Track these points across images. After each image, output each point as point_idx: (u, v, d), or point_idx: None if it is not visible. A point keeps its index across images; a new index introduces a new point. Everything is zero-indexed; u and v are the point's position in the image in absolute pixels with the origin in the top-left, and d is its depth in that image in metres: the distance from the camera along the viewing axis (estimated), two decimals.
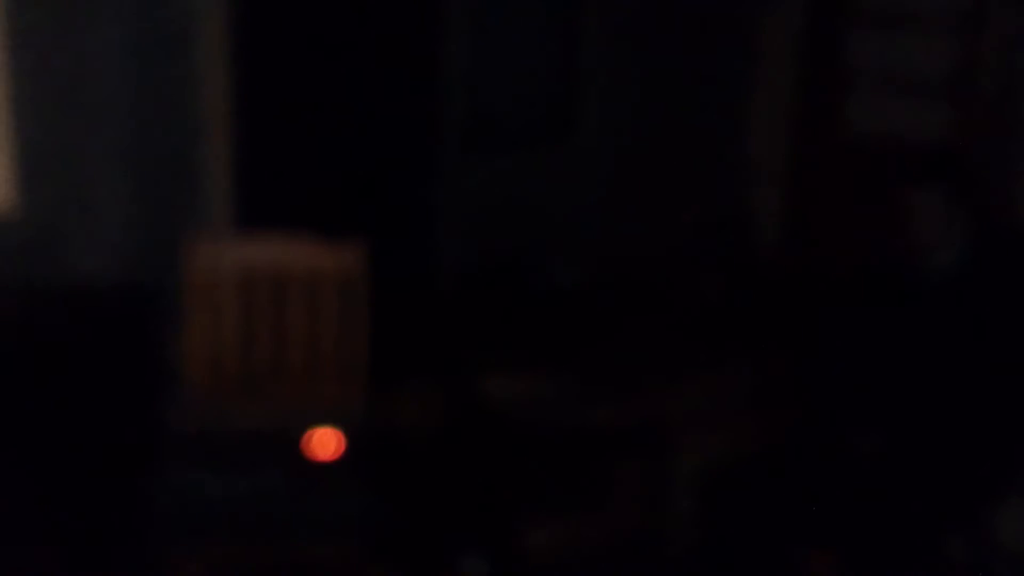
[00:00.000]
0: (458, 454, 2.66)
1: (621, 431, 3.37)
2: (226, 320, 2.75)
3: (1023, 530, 2.64)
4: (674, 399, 3.55)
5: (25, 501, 2.68)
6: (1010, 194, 3.82)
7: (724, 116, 4.92)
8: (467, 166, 4.57)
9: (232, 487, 2.30)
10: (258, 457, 2.32)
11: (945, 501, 2.85)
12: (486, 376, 3.33)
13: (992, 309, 2.84)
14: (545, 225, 4.59)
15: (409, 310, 4.01)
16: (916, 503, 2.86)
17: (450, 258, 4.59)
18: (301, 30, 4.07)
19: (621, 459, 3.33)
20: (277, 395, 2.64)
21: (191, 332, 2.72)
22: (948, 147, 4.04)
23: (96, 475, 2.70)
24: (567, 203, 4.63)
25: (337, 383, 2.73)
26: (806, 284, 4.33)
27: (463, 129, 4.56)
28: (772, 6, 4.74)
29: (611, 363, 3.53)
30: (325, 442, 2.36)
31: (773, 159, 4.92)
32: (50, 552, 2.68)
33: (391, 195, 4.40)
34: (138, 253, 3.61)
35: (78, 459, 2.65)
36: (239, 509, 2.27)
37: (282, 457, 2.32)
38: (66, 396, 2.65)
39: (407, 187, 4.47)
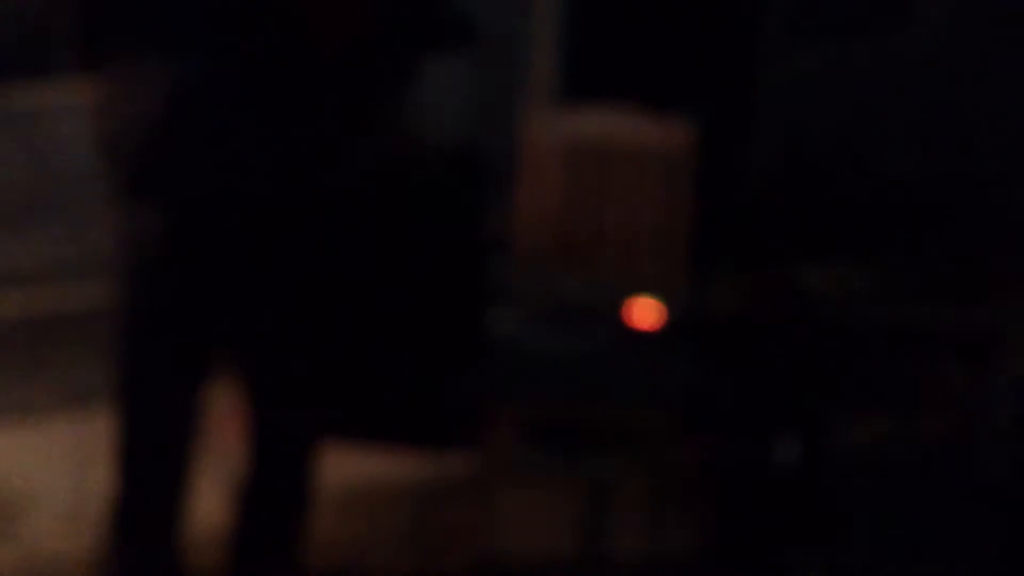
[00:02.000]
0: (772, 338, 2.64)
1: (940, 333, 3.23)
2: (553, 189, 2.84)
3: None
4: (1001, 307, 3.36)
5: (357, 347, 2.93)
6: None
7: None
8: (795, 50, 4.44)
9: (554, 347, 2.40)
10: (580, 321, 2.41)
11: None
12: (802, 263, 3.27)
13: None
14: (876, 115, 4.40)
15: (731, 190, 3.99)
16: None
17: (774, 142, 4.50)
18: None
19: (936, 362, 3.21)
20: (600, 264, 2.72)
21: (521, 199, 2.83)
22: None
23: (426, 324, 2.90)
24: (900, 94, 4.40)
25: (658, 256, 2.77)
26: None
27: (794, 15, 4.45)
28: None
29: (937, 261, 3.35)
30: (645, 311, 2.41)
31: None
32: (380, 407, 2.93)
33: (719, 75, 4.34)
34: (471, 121, 3.78)
35: (415, 306, 2.85)
36: (560, 369, 2.38)
37: (603, 322, 2.40)
38: (403, 250, 2.84)
39: (735, 68, 4.39)
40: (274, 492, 2.25)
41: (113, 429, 2.12)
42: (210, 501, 2.28)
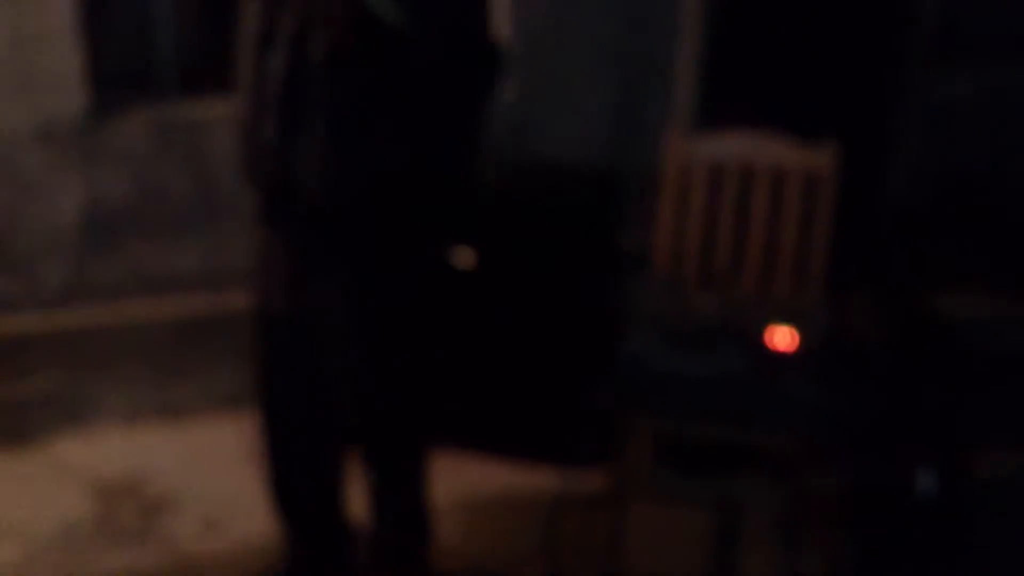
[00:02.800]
0: (912, 365, 2.59)
1: None
2: (694, 211, 2.85)
3: None
4: None
5: (494, 362, 2.99)
6: None
7: None
8: (941, 77, 4.36)
9: (689, 368, 2.41)
10: (717, 342, 2.41)
11: None
12: (940, 291, 3.20)
13: None
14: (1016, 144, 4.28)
15: (872, 214, 3.92)
16: None
17: (915, 168, 4.42)
18: None
19: None
20: (738, 285, 2.72)
21: (662, 220, 2.85)
22: None
23: (562, 340, 2.94)
24: None
25: (797, 279, 2.75)
26: None
27: (938, 41, 4.37)
28: None
29: None
30: (782, 334, 2.40)
31: None
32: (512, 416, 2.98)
33: (861, 99, 4.29)
34: (613, 142, 3.84)
35: (553, 323, 2.90)
36: (695, 390, 2.38)
37: (740, 344, 2.40)
38: (542, 262, 2.89)
39: (878, 92, 4.34)
40: (398, 501, 2.33)
41: (258, 431, 2.24)
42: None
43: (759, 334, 2.40)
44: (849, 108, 4.23)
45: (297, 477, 2.30)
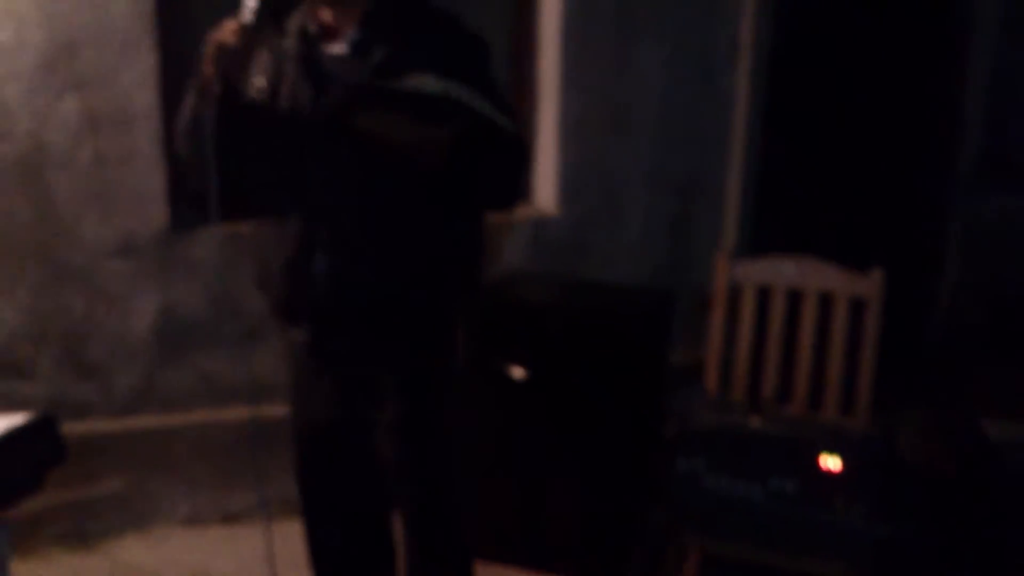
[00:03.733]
0: (962, 490, 2.61)
1: None
2: (742, 331, 2.94)
3: None
4: None
5: (542, 471, 3.05)
6: None
7: None
8: (983, 202, 4.45)
9: (739, 489, 2.45)
10: (766, 463, 2.46)
11: None
12: (989, 414, 3.21)
13: None
14: None
15: (917, 339, 3.96)
16: None
17: (962, 291, 4.47)
18: (823, 69, 4.19)
19: None
20: (787, 406, 2.79)
21: (710, 340, 2.94)
22: None
23: (615, 457, 3.00)
24: None
25: (844, 401, 2.82)
26: None
27: (981, 166, 4.46)
28: None
29: None
30: (831, 456, 2.45)
31: None
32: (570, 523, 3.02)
33: (906, 224, 4.38)
34: (664, 262, 3.95)
35: (605, 441, 2.97)
36: (744, 512, 2.42)
37: (789, 466, 2.44)
38: (595, 379, 2.97)
39: (925, 215, 4.42)
40: None
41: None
42: None
43: (809, 457, 2.45)
44: (896, 231, 4.32)
45: None
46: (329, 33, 2.05)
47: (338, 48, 2.04)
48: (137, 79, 3.09)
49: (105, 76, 3.07)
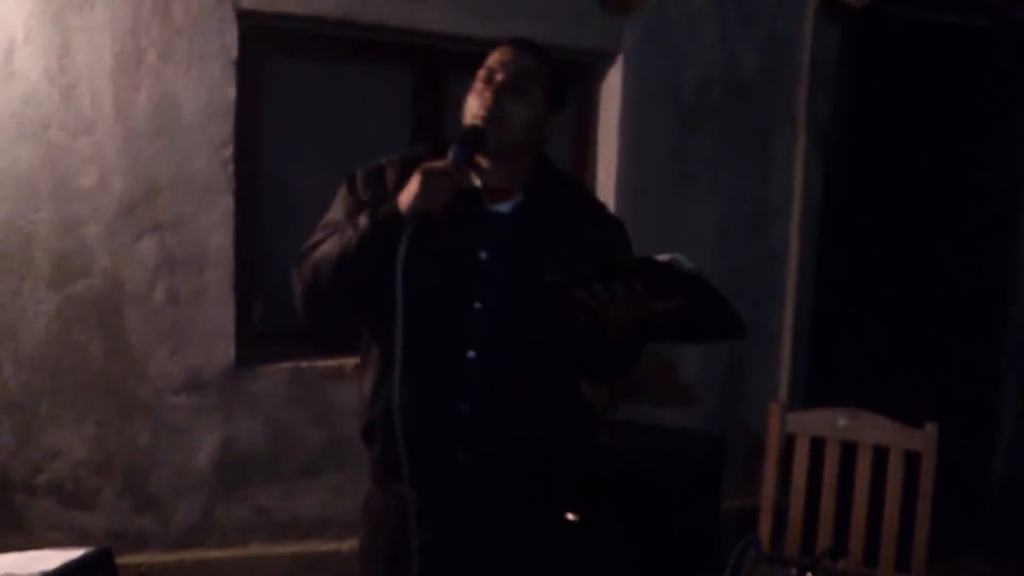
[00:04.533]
0: None
1: None
2: (795, 483, 2.94)
3: None
4: None
5: None
6: None
7: None
8: None
9: None
10: None
11: None
12: None
13: None
14: None
15: (969, 492, 3.90)
16: None
17: (1019, 446, 4.42)
18: (875, 220, 4.26)
19: None
20: (842, 557, 2.76)
21: (764, 492, 2.94)
22: None
23: None
24: None
25: (899, 557, 2.79)
26: None
27: None
28: None
29: None
30: None
31: None
32: None
33: (961, 377, 4.36)
34: (717, 407, 3.98)
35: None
36: None
37: None
38: (641, 522, 2.97)
39: (976, 368, 4.41)
40: None
41: None
42: None
43: None
44: (951, 385, 4.31)
45: None
46: (493, 192, 2.13)
47: (504, 206, 2.13)
48: (213, 223, 3.25)
49: (183, 219, 3.23)
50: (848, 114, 4.17)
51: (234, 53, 3.23)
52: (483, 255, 2.09)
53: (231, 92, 3.24)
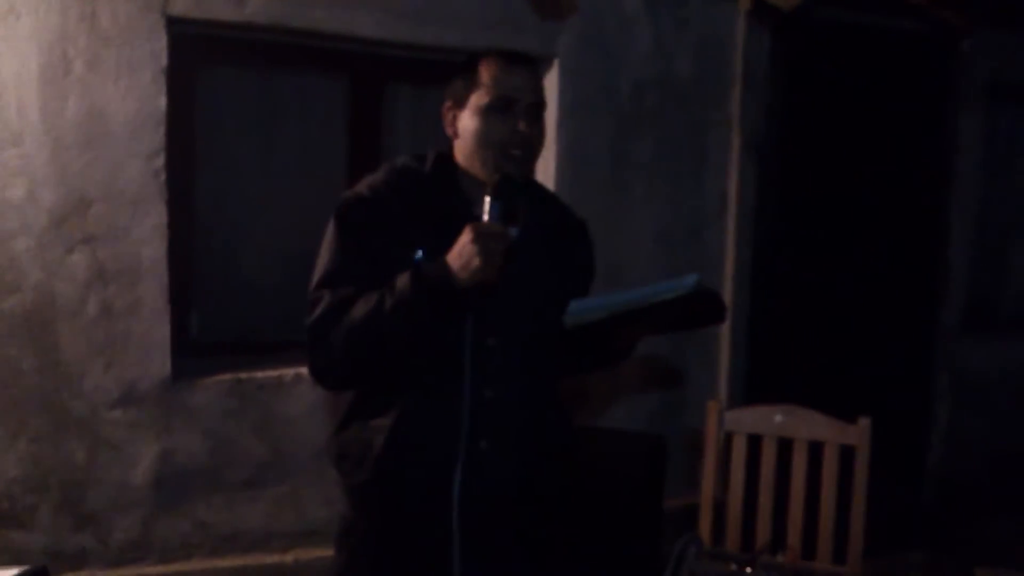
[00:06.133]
0: None
1: None
2: (733, 479, 2.97)
3: None
4: None
5: None
6: None
7: None
8: (970, 352, 4.54)
9: None
10: None
11: None
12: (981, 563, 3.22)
13: None
14: None
15: (905, 487, 3.97)
16: None
17: (953, 440, 4.51)
18: (808, 222, 4.33)
19: None
20: (780, 553, 2.79)
21: (703, 489, 2.97)
22: None
23: None
24: None
25: (836, 550, 2.83)
26: None
27: (967, 316, 4.58)
28: None
29: None
30: None
31: None
32: None
33: (895, 376, 4.44)
34: (657, 408, 4.01)
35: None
36: None
37: None
38: (590, 524, 2.98)
39: (909, 367, 4.49)
40: None
41: None
42: None
43: None
44: (886, 382, 4.39)
45: None
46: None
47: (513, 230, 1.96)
48: (146, 234, 3.21)
49: (115, 231, 3.18)
50: (780, 116, 4.23)
51: (164, 61, 3.19)
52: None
53: (162, 101, 3.20)
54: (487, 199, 1.90)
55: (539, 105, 2.12)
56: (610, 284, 3.80)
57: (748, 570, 2.61)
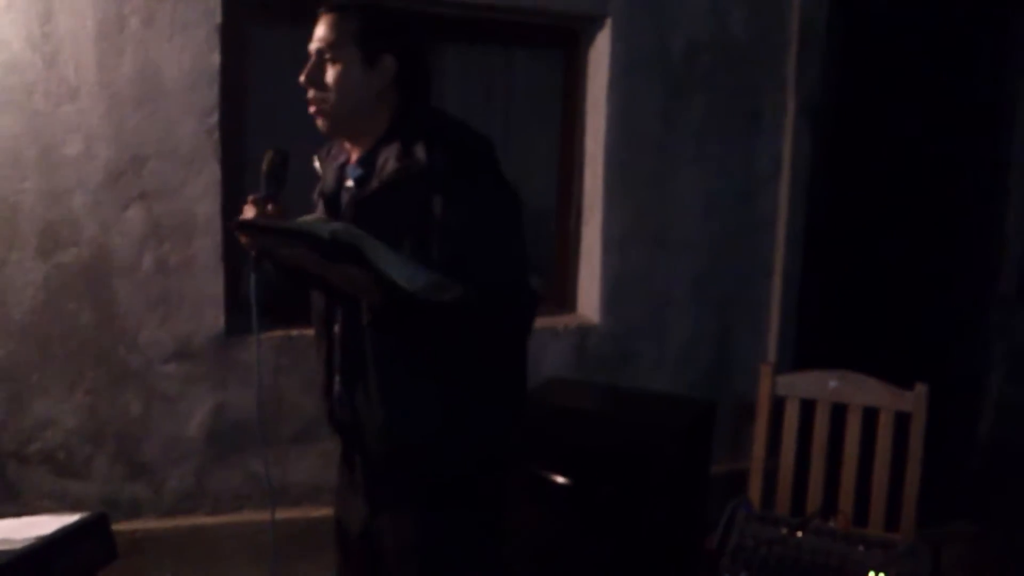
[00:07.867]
0: None
1: None
2: (785, 444, 2.96)
3: None
4: None
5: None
6: None
7: None
8: (1020, 319, 4.47)
9: None
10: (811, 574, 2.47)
11: None
12: None
13: None
14: None
15: (956, 455, 3.92)
16: None
17: (1006, 409, 4.45)
18: (864, 188, 4.26)
19: None
20: (831, 517, 2.79)
21: (754, 453, 2.96)
22: None
23: (653, 570, 3.00)
24: None
25: (888, 517, 2.81)
26: None
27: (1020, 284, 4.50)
28: None
29: None
30: (876, 566, 2.46)
31: None
32: None
33: (949, 343, 4.38)
34: (706, 372, 3.99)
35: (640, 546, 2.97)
36: None
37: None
38: (632, 487, 2.98)
39: (964, 334, 4.43)
40: None
41: None
42: None
43: (854, 573, 2.45)
44: (939, 349, 4.34)
45: None
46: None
47: (350, 182, 2.06)
48: (200, 191, 3.23)
49: (170, 188, 3.21)
50: (837, 78, 4.15)
51: (218, 18, 3.20)
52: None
53: (216, 58, 3.21)
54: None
55: (321, 52, 2.05)
56: (658, 247, 3.86)
57: (799, 534, 2.60)
